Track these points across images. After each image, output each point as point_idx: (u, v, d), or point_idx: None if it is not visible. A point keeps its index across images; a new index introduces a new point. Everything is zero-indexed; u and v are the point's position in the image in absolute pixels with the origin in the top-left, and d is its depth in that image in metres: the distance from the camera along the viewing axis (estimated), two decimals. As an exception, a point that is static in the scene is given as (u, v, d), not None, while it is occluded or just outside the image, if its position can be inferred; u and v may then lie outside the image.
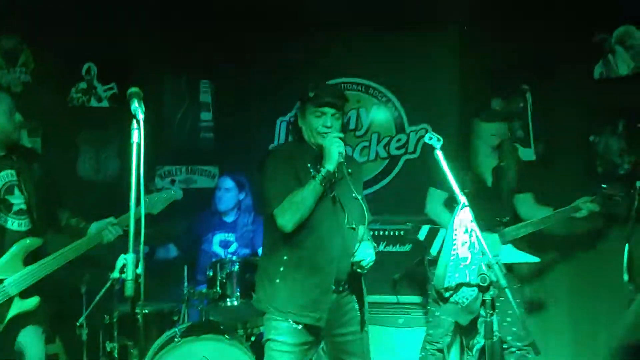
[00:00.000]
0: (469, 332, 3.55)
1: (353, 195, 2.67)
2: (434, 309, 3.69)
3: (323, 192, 2.68)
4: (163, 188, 3.46)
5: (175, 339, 3.38)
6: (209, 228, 4.25)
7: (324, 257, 2.72)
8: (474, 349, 3.49)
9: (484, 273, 2.23)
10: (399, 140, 4.76)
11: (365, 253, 2.70)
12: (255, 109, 4.79)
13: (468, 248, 2.26)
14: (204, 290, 3.64)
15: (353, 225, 2.79)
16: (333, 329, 2.81)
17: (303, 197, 2.66)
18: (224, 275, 3.55)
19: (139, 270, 2.06)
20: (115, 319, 3.57)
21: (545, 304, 4.17)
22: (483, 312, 2.25)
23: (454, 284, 2.30)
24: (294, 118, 2.93)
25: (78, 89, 4.56)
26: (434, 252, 3.69)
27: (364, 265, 2.71)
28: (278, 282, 2.75)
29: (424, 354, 3.72)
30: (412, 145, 4.72)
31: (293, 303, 2.70)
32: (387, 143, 4.78)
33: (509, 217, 3.65)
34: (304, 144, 2.85)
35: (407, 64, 4.65)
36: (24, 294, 2.91)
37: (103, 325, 3.72)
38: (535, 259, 3.60)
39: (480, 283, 2.23)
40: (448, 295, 2.37)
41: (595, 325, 3.88)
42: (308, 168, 2.75)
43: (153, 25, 4.56)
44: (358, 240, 2.79)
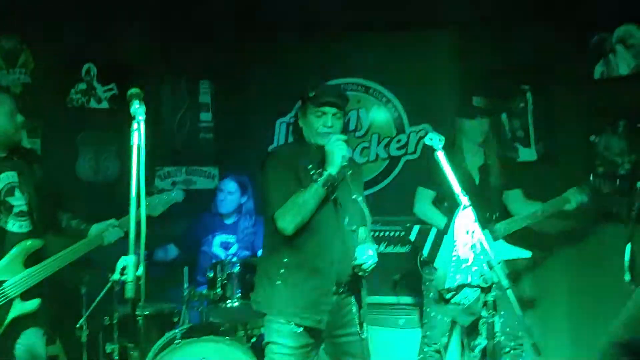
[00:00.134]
0: (471, 333, 3.55)
1: (353, 197, 2.66)
2: (429, 310, 3.69)
3: (325, 195, 2.68)
4: (164, 190, 3.45)
5: (176, 341, 3.38)
6: (210, 229, 4.24)
7: (325, 259, 2.72)
8: (476, 350, 3.49)
9: (486, 274, 2.22)
10: (399, 141, 4.76)
11: (367, 256, 2.69)
12: (255, 110, 4.79)
13: (469, 249, 2.26)
14: (205, 292, 3.63)
15: (353, 228, 2.78)
16: (333, 331, 2.81)
17: (304, 200, 2.65)
18: (225, 277, 3.54)
19: (140, 272, 2.06)
20: (116, 321, 3.56)
21: (542, 303, 4.17)
22: (485, 313, 2.24)
23: (456, 285, 2.30)
24: (295, 118, 2.92)
25: (77, 90, 4.55)
26: (426, 252, 3.70)
27: (366, 268, 2.71)
28: (278, 284, 2.74)
29: (423, 356, 3.71)
30: (412, 146, 4.72)
31: (293, 305, 2.70)
32: (387, 144, 4.78)
33: (499, 213, 3.66)
34: (305, 145, 2.84)
35: (407, 65, 4.66)
36: (25, 296, 2.90)
37: (103, 327, 3.71)
38: (527, 254, 3.60)
39: (482, 284, 2.23)
40: (449, 297, 2.37)
41: (595, 327, 3.87)
42: (309, 170, 2.74)
43: (153, 26, 4.56)
44: (359, 242, 2.79)
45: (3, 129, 2.93)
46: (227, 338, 3.44)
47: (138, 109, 2.10)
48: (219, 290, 3.54)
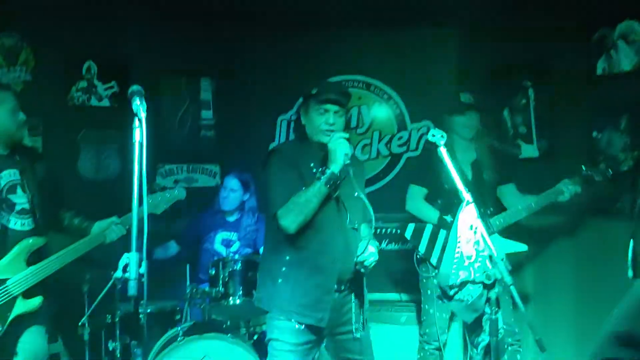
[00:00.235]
0: (474, 329, 3.55)
1: (356, 195, 2.65)
2: (428, 307, 3.69)
3: (327, 193, 2.67)
4: (166, 188, 3.44)
5: (178, 338, 3.38)
6: (211, 227, 4.24)
7: (327, 258, 2.72)
8: (479, 347, 3.49)
9: (489, 270, 2.22)
10: (401, 138, 4.76)
11: (369, 253, 2.71)
12: (256, 107, 4.78)
13: (473, 245, 2.25)
14: (207, 289, 3.63)
15: (355, 226, 2.78)
16: (335, 328, 2.81)
17: (307, 198, 2.64)
18: (227, 274, 3.54)
19: (143, 270, 2.06)
20: (118, 319, 3.56)
21: (546, 299, 4.16)
22: (488, 309, 2.24)
23: (459, 282, 2.29)
24: (296, 115, 2.91)
25: (78, 88, 4.54)
26: (422, 250, 3.70)
27: (367, 265, 2.72)
28: (280, 282, 2.74)
29: (423, 355, 3.70)
30: (414, 143, 4.72)
31: (295, 303, 2.70)
32: (388, 141, 4.78)
33: (493, 208, 3.66)
34: (307, 142, 2.83)
35: (408, 61, 4.65)
36: (27, 294, 2.90)
37: (105, 325, 3.71)
38: (523, 247, 3.60)
39: (485, 280, 2.22)
40: (452, 293, 2.36)
41: (598, 323, 3.86)
42: (311, 168, 2.74)
43: (153, 24, 4.55)
44: (361, 239, 2.79)
45: (5, 127, 2.93)
46: (229, 335, 3.44)
47: (139, 106, 2.10)
48: (221, 288, 3.54)
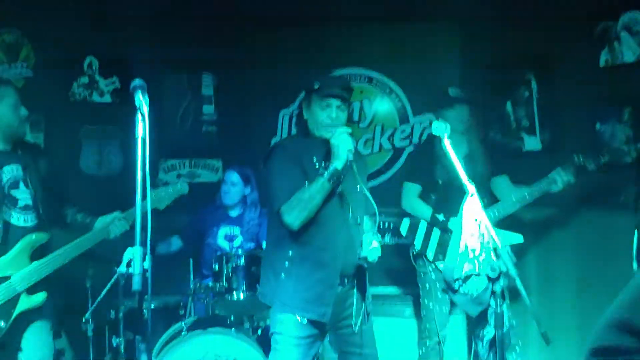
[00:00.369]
0: (479, 323, 3.55)
1: (359, 189, 2.65)
2: (427, 301, 3.69)
3: (331, 189, 2.66)
4: (169, 182, 3.44)
5: (182, 333, 3.38)
6: (214, 222, 4.24)
7: (330, 253, 2.72)
8: (485, 340, 3.48)
9: (494, 263, 2.21)
10: (404, 132, 4.74)
11: (372, 248, 2.71)
12: (258, 102, 4.77)
13: (477, 238, 2.24)
14: (210, 284, 3.63)
15: (358, 221, 2.78)
16: (338, 322, 2.82)
17: (311, 195, 2.63)
18: (230, 269, 3.54)
19: (147, 265, 2.05)
20: (121, 314, 3.56)
21: (551, 292, 4.15)
22: (493, 302, 2.23)
23: (464, 275, 2.29)
24: (298, 110, 2.90)
25: (80, 84, 4.53)
26: (418, 245, 3.70)
27: (371, 260, 2.73)
28: (283, 277, 2.74)
29: (425, 350, 3.70)
30: (416, 137, 4.70)
31: (298, 298, 2.70)
32: (391, 134, 4.76)
33: (486, 201, 3.65)
34: (309, 137, 2.82)
35: (409, 54, 4.63)
36: (31, 290, 2.90)
37: (109, 321, 3.71)
38: (519, 239, 3.59)
39: (490, 273, 2.21)
40: (457, 287, 2.35)
41: (601, 316, 3.86)
42: (314, 163, 2.73)
43: (154, 19, 4.53)
44: (364, 234, 2.79)
45: (7, 122, 2.92)
46: (233, 330, 3.44)
47: (142, 100, 2.09)
48: (225, 283, 3.54)
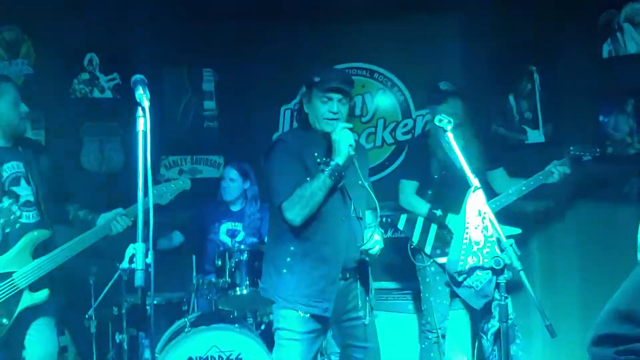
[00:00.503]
0: (483, 316, 3.54)
1: (360, 183, 2.63)
2: (428, 295, 3.69)
3: (332, 184, 2.65)
4: (171, 179, 3.43)
5: (186, 329, 3.37)
6: (216, 218, 4.23)
7: (331, 248, 2.71)
8: (489, 333, 3.48)
9: (498, 256, 2.20)
10: (406, 126, 4.72)
11: (374, 241, 2.71)
12: (259, 97, 4.76)
13: (481, 231, 2.23)
14: (213, 280, 3.63)
15: (360, 215, 2.77)
16: (341, 315, 2.81)
17: (312, 192, 2.62)
18: (233, 265, 3.54)
19: (149, 260, 2.04)
20: (124, 311, 3.56)
21: (554, 285, 4.14)
22: (497, 295, 2.22)
23: (468, 268, 2.28)
24: (299, 104, 2.88)
25: (80, 80, 4.52)
26: (416, 240, 3.70)
27: (373, 254, 2.73)
28: (285, 272, 2.73)
29: (427, 344, 3.69)
30: (419, 130, 4.67)
31: (300, 293, 2.69)
32: (393, 129, 4.74)
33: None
34: (310, 131, 2.80)
35: (411, 48, 4.60)
36: (34, 287, 2.89)
37: (112, 317, 3.71)
38: (517, 231, 3.58)
39: (494, 266, 2.21)
40: (461, 280, 2.35)
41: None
42: (315, 157, 2.71)
43: (154, 14, 4.51)
44: (366, 227, 2.78)
45: (7, 118, 2.91)
46: (237, 325, 3.44)
47: (142, 95, 2.08)
48: (228, 278, 3.54)
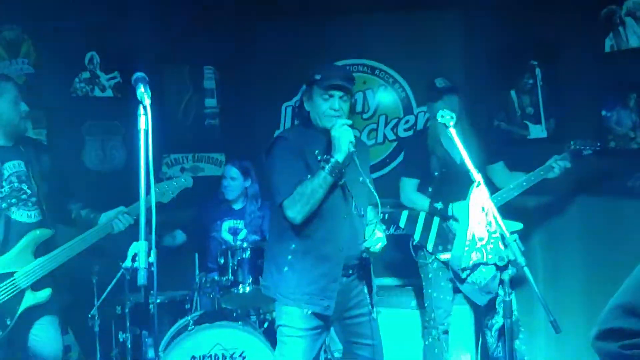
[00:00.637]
0: (487, 312, 3.54)
1: (361, 180, 2.63)
2: (431, 291, 3.68)
3: (333, 182, 2.64)
4: (173, 176, 3.43)
5: (189, 327, 3.37)
6: (218, 216, 4.23)
7: (333, 246, 2.71)
8: (493, 329, 3.48)
9: (502, 252, 2.19)
10: (407, 122, 4.71)
11: (376, 238, 2.70)
12: (260, 95, 4.75)
13: (485, 227, 2.23)
14: (216, 278, 3.63)
15: (362, 212, 2.76)
16: (343, 312, 2.81)
17: (313, 189, 2.61)
18: (236, 262, 3.54)
19: (152, 259, 2.04)
20: (128, 309, 3.56)
21: (559, 281, 4.14)
22: (501, 291, 2.22)
23: (471, 264, 2.27)
24: (300, 102, 2.87)
25: (81, 79, 4.51)
26: (417, 237, 3.69)
27: (374, 251, 2.72)
28: (286, 270, 2.73)
29: (431, 341, 3.69)
30: (420, 127, 4.66)
31: (301, 291, 2.69)
32: (395, 125, 4.73)
33: None
34: (311, 128, 2.80)
35: (412, 44, 4.59)
36: (36, 286, 2.89)
37: (115, 316, 3.71)
38: (518, 226, 3.57)
39: (498, 262, 2.20)
40: (465, 276, 2.34)
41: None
42: (316, 155, 2.70)
43: (155, 13, 4.51)
44: (367, 224, 2.77)
45: (8, 118, 2.91)
46: (240, 323, 3.44)
47: (144, 93, 2.07)
48: (231, 276, 3.54)
